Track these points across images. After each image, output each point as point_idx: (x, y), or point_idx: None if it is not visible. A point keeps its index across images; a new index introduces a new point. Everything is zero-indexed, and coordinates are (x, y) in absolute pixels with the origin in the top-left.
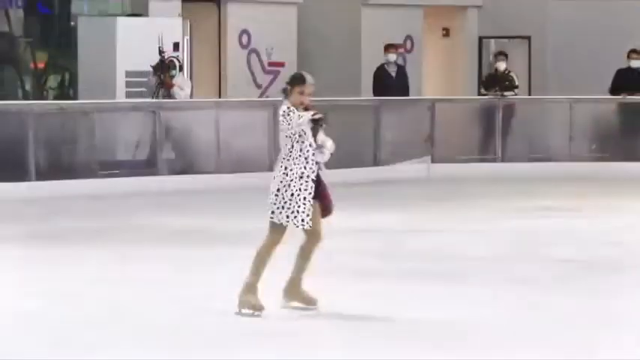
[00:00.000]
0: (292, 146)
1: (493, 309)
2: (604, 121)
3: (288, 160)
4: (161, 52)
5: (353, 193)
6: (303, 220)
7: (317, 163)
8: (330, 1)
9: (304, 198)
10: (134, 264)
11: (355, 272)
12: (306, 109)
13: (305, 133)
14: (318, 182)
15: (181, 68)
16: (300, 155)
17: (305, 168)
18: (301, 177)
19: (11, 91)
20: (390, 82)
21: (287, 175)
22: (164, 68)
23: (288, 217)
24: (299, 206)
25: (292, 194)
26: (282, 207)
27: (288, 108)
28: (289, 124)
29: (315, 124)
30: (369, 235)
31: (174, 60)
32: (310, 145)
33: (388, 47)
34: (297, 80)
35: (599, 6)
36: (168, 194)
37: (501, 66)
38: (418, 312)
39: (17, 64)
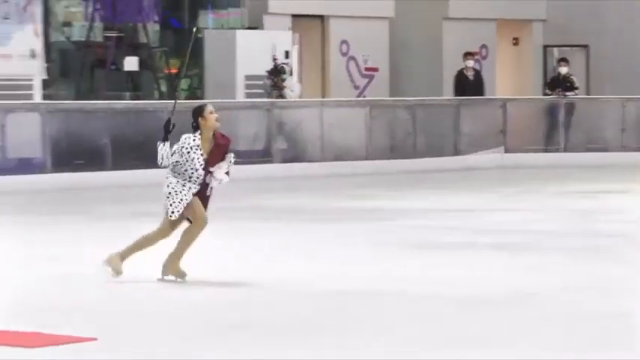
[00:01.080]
0: (182, 165)
1: (564, 275)
2: None
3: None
4: (274, 59)
5: (436, 179)
6: (173, 212)
7: (209, 185)
8: (417, 15)
9: (180, 200)
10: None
11: (442, 245)
12: (214, 134)
13: (194, 159)
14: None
15: (291, 73)
16: (184, 173)
17: (187, 181)
18: (183, 185)
19: (149, 93)
20: (468, 84)
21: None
22: (277, 73)
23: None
24: (174, 202)
25: (171, 192)
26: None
27: (194, 141)
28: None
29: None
30: (452, 215)
31: (285, 66)
32: (196, 169)
33: (466, 54)
34: (203, 106)
35: None
36: (281, 179)
37: (563, 70)
38: (503, 279)
39: (154, 70)
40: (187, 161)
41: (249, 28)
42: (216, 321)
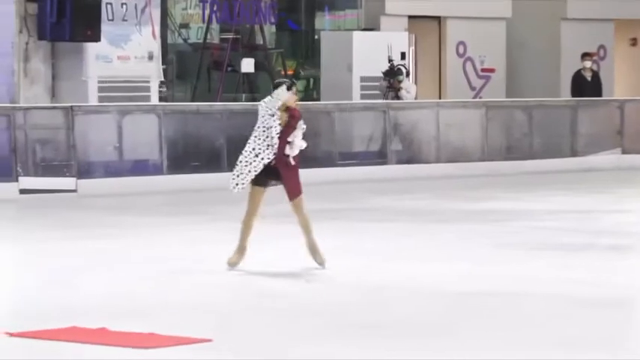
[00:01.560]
0: (264, 131)
1: None
2: None
3: (255, 140)
4: (390, 60)
5: (553, 180)
6: (237, 184)
7: (286, 155)
8: (534, 16)
9: (249, 171)
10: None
11: (562, 247)
12: (287, 108)
13: (272, 127)
14: (277, 169)
15: (407, 74)
16: (264, 140)
17: (263, 151)
18: (256, 156)
19: (265, 94)
20: (586, 85)
21: (247, 150)
22: (393, 74)
23: (233, 179)
24: (241, 173)
25: (241, 161)
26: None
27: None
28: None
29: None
30: (570, 216)
31: (402, 67)
32: (273, 137)
33: (584, 55)
34: (291, 83)
35: None
36: (397, 180)
37: None
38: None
39: (270, 71)
40: (267, 129)
41: (366, 29)
42: (342, 321)
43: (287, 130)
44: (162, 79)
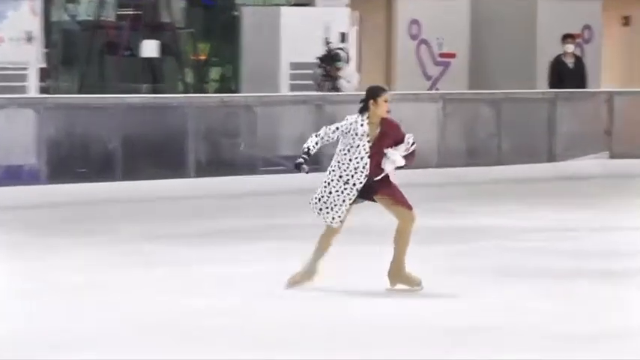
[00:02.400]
0: (346, 153)
1: None
2: None
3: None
4: (327, 43)
5: (527, 190)
6: (333, 218)
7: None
8: None
9: (343, 201)
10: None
11: (538, 273)
12: (383, 120)
13: (356, 149)
14: (375, 187)
15: (348, 60)
16: (349, 162)
17: (352, 176)
18: (346, 182)
19: (172, 84)
20: (567, 74)
21: (333, 176)
22: (330, 60)
23: (321, 210)
24: (335, 205)
25: (330, 192)
26: (319, 201)
27: (362, 127)
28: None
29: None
30: (548, 235)
31: (341, 52)
32: (362, 158)
33: (566, 37)
34: (381, 90)
35: None
36: None
37: None
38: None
39: (178, 56)
40: (352, 148)
41: (297, 4)
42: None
43: (376, 147)
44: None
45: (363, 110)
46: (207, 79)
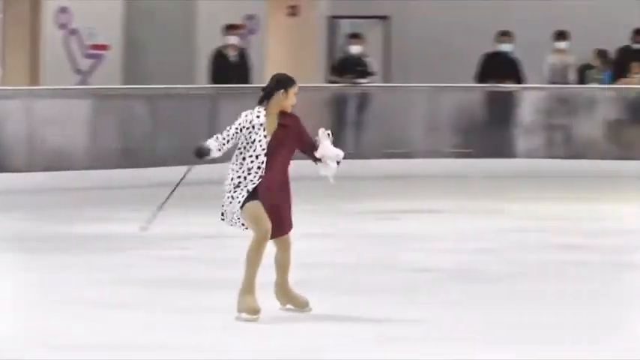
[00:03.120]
0: (242, 152)
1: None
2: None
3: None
4: None
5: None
6: (243, 224)
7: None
8: None
9: (238, 202)
10: None
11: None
12: (282, 112)
13: (251, 145)
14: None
15: None
16: (243, 162)
17: (244, 178)
18: (237, 186)
19: None
20: (229, 68)
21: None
22: None
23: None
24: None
25: (229, 199)
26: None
27: (258, 118)
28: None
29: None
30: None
31: None
32: (257, 156)
33: (228, 28)
34: (292, 81)
35: None
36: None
37: (355, 50)
38: None
39: None
40: (247, 144)
41: None
42: None
43: (274, 143)
44: None
45: (262, 100)
46: None
